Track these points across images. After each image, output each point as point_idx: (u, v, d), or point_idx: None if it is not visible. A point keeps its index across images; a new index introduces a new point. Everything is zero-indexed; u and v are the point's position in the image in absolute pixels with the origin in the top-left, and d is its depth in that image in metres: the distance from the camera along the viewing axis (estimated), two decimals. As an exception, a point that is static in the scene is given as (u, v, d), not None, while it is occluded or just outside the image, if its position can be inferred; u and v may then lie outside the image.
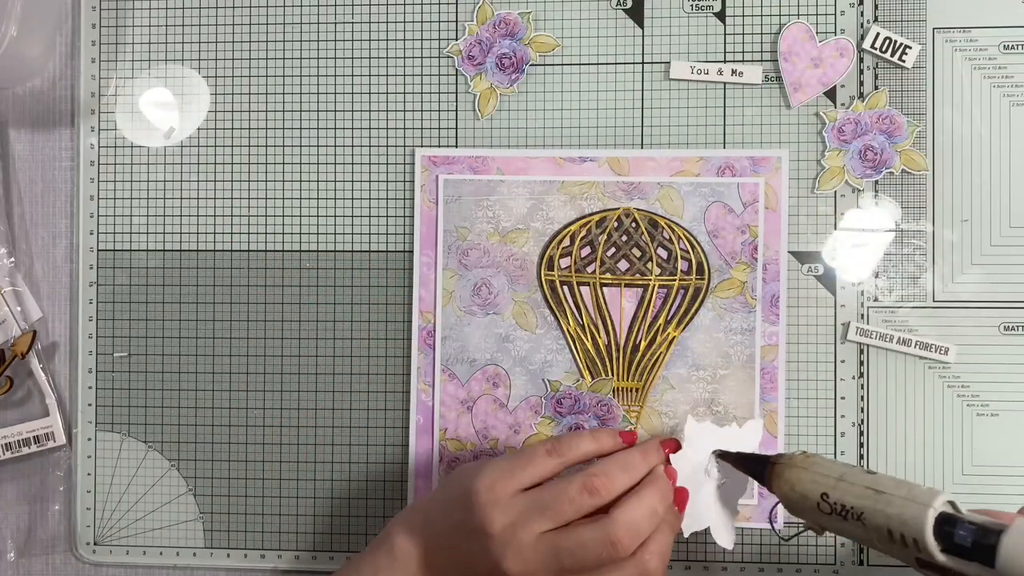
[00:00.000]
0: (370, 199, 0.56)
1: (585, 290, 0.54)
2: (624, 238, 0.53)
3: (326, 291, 0.56)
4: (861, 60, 0.53)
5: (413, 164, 0.55)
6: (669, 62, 0.54)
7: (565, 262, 0.54)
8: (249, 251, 0.56)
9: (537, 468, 0.45)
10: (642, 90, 0.54)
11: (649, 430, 0.53)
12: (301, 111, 0.56)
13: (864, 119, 0.53)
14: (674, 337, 0.53)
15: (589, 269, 0.54)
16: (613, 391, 0.53)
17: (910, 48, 0.52)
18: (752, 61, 0.54)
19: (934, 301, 0.53)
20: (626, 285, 0.53)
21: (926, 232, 0.53)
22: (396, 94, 0.56)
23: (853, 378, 0.53)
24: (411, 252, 0.55)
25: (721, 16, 0.54)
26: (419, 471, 0.54)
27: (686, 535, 0.47)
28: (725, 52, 0.54)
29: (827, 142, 0.53)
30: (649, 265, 0.53)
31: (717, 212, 0.53)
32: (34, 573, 0.57)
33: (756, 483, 0.46)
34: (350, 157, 0.56)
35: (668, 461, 0.47)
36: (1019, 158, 0.53)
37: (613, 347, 0.53)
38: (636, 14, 0.54)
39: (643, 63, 0.54)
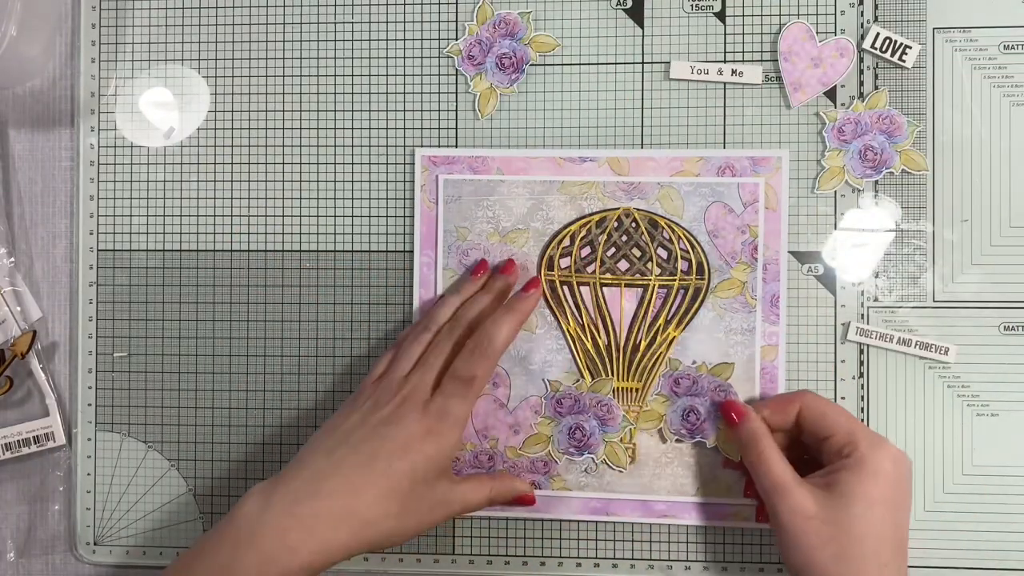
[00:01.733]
0: (370, 199, 0.56)
1: (585, 290, 0.54)
2: (624, 238, 0.53)
3: (326, 291, 0.56)
4: (861, 60, 0.53)
5: (413, 164, 0.55)
6: (669, 62, 0.54)
7: (565, 262, 0.54)
8: (249, 251, 0.56)
9: None
10: (642, 90, 0.54)
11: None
12: (301, 111, 0.56)
13: (864, 119, 0.53)
14: (674, 337, 0.53)
15: (589, 269, 0.54)
16: (613, 391, 0.53)
17: (910, 48, 0.52)
18: (752, 61, 0.54)
19: (934, 301, 0.53)
20: (626, 285, 0.53)
21: (926, 232, 0.53)
22: (396, 94, 0.56)
23: (853, 378, 0.53)
24: (411, 252, 0.55)
25: (721, 16, 0.54)
26: (419, 471, 0.54)
27: None
28: (725, 52, 0.54)
29: (827, 142, 0.53)
30: (649, 265, 0.53)
31: (717, 212, 0.53)
32: (34, 573, 0.57)
33: None
34: (350, 157, 0.56)
35: None
36: (1019, 158, 0.53)
37: (613, 347, 0.53)
38: (636, 14, 0.54)
39: (643, 63, 0.54)
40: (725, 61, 0.54)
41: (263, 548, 0.43)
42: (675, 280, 0.53)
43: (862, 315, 0.53)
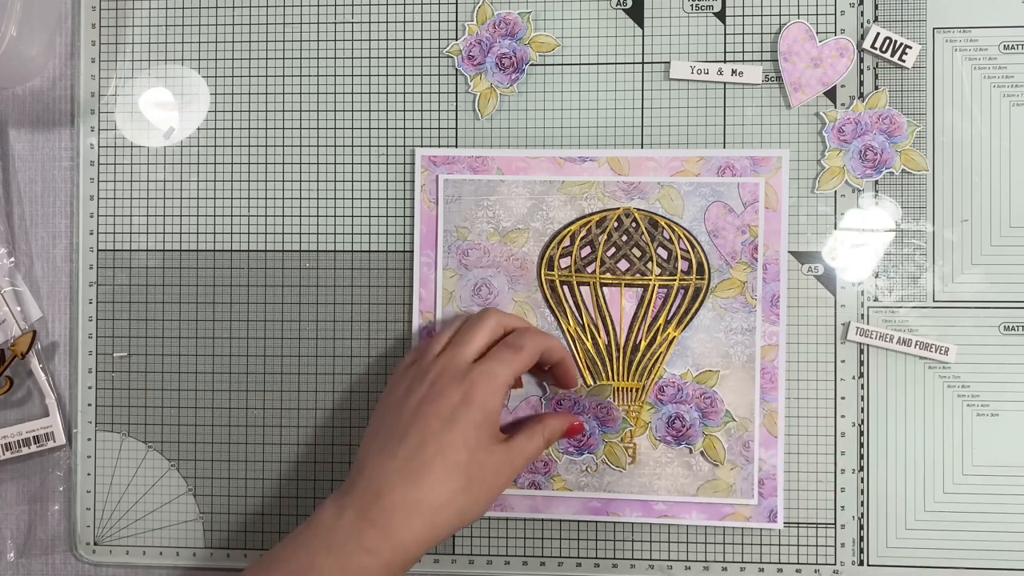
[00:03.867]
0: (370, 199, 0.56)
1: (585, 290, 0.54)
2: (624, 238, 0.53)
3: (326, 291, 0.56)
4: (861, 60, 0.53)
5: (413, 164, 0.55)
6: (669, 62, 0.54)
7: (565, 262, 0.54)
8: (249, 251, 0.56)
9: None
10: (642, 90, 0.54)
11: (647, 431, 0.53)
12: (301, 111, 0.56)
13: (864, 119, 0.53)
14: (674, 337, 0.53)
15: (589, 269, 0.54)
16: (613, 392, 0.53)
17: (910, 48, 0.52)
18: (752, 61, 0.54)
19: (934, 301, 0.53)
20: (626, 285, 0.53)
21: (926, 232, 0.53)
22: (396, 94, 0.56)
23: (853, 378, 0.53)
24: (411, 252, 0.55)
25: (721, 16, 0.54)
26: (419, 471, 0.54)
27: None
28: (725, 52, 0.54)
29: (827, 142, 0.53)
30: (649, 265, 0.53)
31: (717, 212, 0.53)
32: (34, 573, 0.57)
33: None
34: (350, 157, 0.56)
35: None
36: (1019, 158, 0.53)
37: (613, 347, 0.53)
38: (636, 14, 0.54)
39: (643, 63, 0.54)
40: (725, 61, 0.54)
41: (341, 554, 0.43)
42: (675, 280, 0.53)
43: (862, 315, 0.53)
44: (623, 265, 0.53)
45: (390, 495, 0.44)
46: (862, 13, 0.53)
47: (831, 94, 0.53)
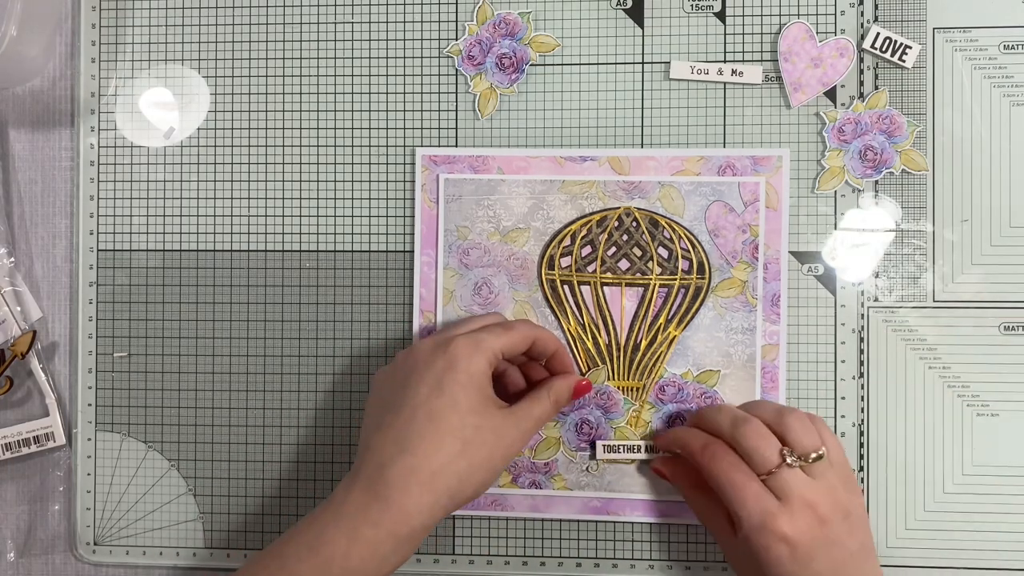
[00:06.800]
0: (370, 199, 0.56)
1: (586, 289, 0.54)
2: (625, 237, 0.53)
3: (326, 291, 0.56)
4: (861, 60, 0.53)
5: (413, 164, 0.55)
6: (669, 62, 0.54)
7: (566, 261, 0.54)
8: (249, 251, 0.56)
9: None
10: (642, 90, 0.54)
11: (647, 430, 0.53)
12: (301, 111, 0.56)
13: (864, 119, 0.53)
14: (675, 336, 0.53)
15: (590, 268, 0.54)
16: (608, 374, 0.53)
17: (910, 48, 0.52)
18: (752, 61, 0.54)
19: (934, 301, 0.53)
20: (627, 284, 0.53)
21: (926, 232, 0.53)
22: (396, 94, 0.56)
23: (853, 378, 0.53)
24: (411, 252, 0.55)
25: (721, 16, 0.54)
26: (419, 471, 0.54)
27: None
28: (725, 52, 0.54)
29: (827, 142, 0.53)
30: (650, 264, 0.53)
31: (718, 211, 0.53)
32: (34, 573, 0.57)
33: None
34: (350, 157, 0.56)
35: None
36: (1019, 158, 0.53)
37: (614, 346, 0.53)
38: (636, 14, 0.54)
39: (643, 63, 0.54)
40: (725, 61, 0.54)
41: (350, 527, 0.44)
42: (676, 279, 0.53)
43: (862, 315, 0.53)
44: (624, 264, 0.53)
45: (390, 467, 0.45)
46: (862, 13, 0.53)
47: (831, 94, 0.53)
